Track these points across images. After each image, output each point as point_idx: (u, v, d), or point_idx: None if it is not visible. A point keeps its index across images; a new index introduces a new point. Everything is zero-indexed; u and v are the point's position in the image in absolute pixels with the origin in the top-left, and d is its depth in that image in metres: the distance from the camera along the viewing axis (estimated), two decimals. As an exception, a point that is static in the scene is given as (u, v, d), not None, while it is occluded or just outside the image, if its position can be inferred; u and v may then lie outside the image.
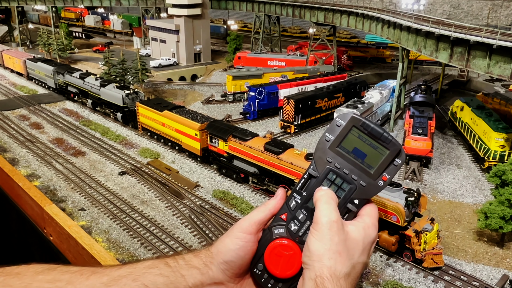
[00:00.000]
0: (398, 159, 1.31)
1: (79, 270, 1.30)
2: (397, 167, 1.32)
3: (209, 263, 1.38)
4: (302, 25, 79.32)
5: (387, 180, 1.33)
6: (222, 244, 1.39)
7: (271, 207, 1.41)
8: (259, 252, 1.41)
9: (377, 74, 56.17)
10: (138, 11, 74.20)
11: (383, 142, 1.31)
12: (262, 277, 1.41)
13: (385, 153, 1.31)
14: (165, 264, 1.36)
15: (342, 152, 1.34)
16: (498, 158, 29.23)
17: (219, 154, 29.65)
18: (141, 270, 1.32)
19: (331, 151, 1.34)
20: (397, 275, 20.35)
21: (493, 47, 25.57)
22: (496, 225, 21.03)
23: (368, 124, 1.32)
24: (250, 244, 1.38)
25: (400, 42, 35.83)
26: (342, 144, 1.34)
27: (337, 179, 1.35)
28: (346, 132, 1.33)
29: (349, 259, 1.25)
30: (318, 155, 1.36)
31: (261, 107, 39.99)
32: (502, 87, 49.58)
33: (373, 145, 1.32)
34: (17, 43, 71.22)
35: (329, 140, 1.35)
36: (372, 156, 1.32)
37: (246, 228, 1.38)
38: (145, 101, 37.65)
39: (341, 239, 1.25)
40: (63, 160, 31.97)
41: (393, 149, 1.31)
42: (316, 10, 51.52)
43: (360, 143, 1.33)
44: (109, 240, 22.81)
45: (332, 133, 1.35)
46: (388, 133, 1.32)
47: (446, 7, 65.58)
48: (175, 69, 57.72)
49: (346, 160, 1.33)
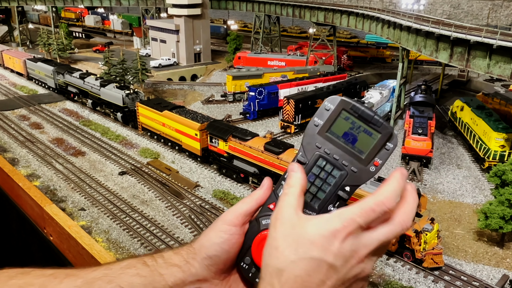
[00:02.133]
0: (390, 143, 1.25)
1: (53, 274, 1.24)
2: (389, 151, 1.26)
3: (191, 259, 1.30)
4: (302, 25, 79.31)
5: (379, 165, 1.27)
6: (205, 238, 1.31)
7: (258, 197, 1.32)
8: (245, 245, 1.33)
9: (377, 74, 56.18)
10: (138, 11, 74.21)
11: (374, 126, 1.25)
12: (249, 271, 1.33)
13: (376, 137, 1.25)
14: (142, 264, 1.29)
15: (332, 137, 1.28)
16: (498, 158, 29.24)
17: (219, 154, 29.65)
18: (117, 271, 1.26)
19: (320, 137, 1.28)
20: (397, 275, 20.36)
21: (493, 47, 25.57)
22: (496, 225, 21.03)
23: (358, 107, 1.25)
24: (236, 236, 1.29)
25: (400, 42, 35.83)
26: (332, 128, 1.28)
27: (327, 166, 1.28)
28: (335, 116, 1.27)
29: (286, 254, 1.09)
30: (306, 141, 1.29)
31: (261, 107, 39.99)
32: (502, 87, 49.58)
33: (363, 129, 1.26)
34: (17, 43, 71.22)
35: (318, 125, 1.28)
36: (363, 140, 1.26)
37: (231, 220, 1.29)
38: (145, 101, 37.65)
39: (284, 234, 1.12)
40: (63, 160, 31.98)
41: (384, 133, 1.25)
42: (316, 10, 51.53)
43: (350, 127, 1.27)
44: (109, 240, 22.82)
45: (321, 117, 1.28)
46: (379, 116, 1.26)
47: (446, 7, 65.59)
48: (175, 69, 57.72)
49: (336, 145, 1.27)
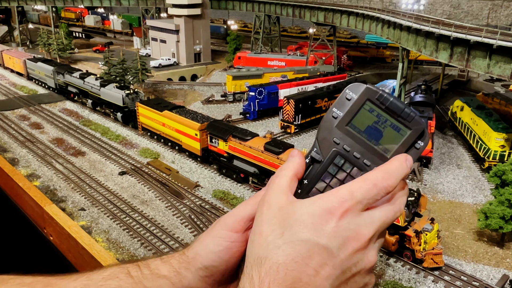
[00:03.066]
0: (421, 141, 1.07)
1: (32, 283, 1.14)
2: (419, 150, 1.09)
3: (183, 269, 1.13)
4: (302, 25, 79.28)
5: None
6: (201, 246, 1.13)
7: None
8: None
9: (377, 74, 56.17)
10: (138, 11, 74.20)
11: (404, 120, 1.07)
12: None
13: (405, 134, 1.07)
14: (126, 274, 1.14)
15: (353, 132, 1.09)
16: (498, 158, 29.23)
17: (219, 154, 29.65)
18: (98, 282, 1.12)
19: (339, 131, 1.09)
20: (397, 275, 20.36)
21: (493, 47, 25.56)
22: (496, 225, 21.03)
23: (386, 97, 1.07)
24: (237, 244, 1.10)
25: (400, 42, 35.82)
26: (353, 122, 1.09)
27: (345, 165, 1.09)
28: (358, 107, 1.09)
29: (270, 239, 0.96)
30: (322, 135, 1.11)
31: (261, 107, 39.99)
32: (502, 87, 49.58)
33: (391, 123, 1.08)
34: (17, 43, 71.21)
35: (337, 117, 1.09)
36: (389, 136, 1.08)
37: (231, 225, 1.11)
38: (145, 101, 37.66)
39: (268, 218, 1.00)
40: (63, 160, 31.98)
41: (415, 129, 1.07)
42: (316, 10, 51.52)
43: (375, 121, 1.09)
44: (109, 240, 22.81)
45: (341, 108, 1.09)
46: (410, 109, 1.08)
47: (446, 7, 65.59)
48: (175, 69, 57.71)
49: (357, 141, 1.09)
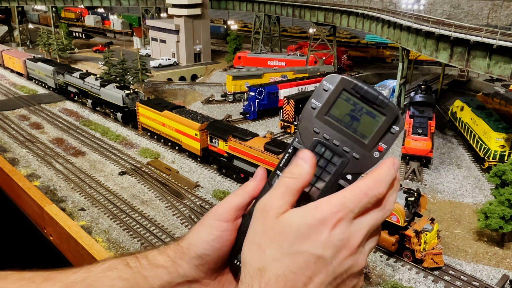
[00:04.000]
0: (395, 126, 1.15)
1: (31, 277, 1.18)
2: (395, 135, 1.15)
3: (178, 259, 1.21)
4: (302, 25, 79.29)
5: (384, 150, 1.16)
6: (194, 236, 1.21)
7: (250, 190, 1.21)
8: (239, 241, 1.21)
9: (377, 74, 56.17)
10: (138, 11, 74.20)
11: (379, 107, 1.14)
12: None
13: (381, 120, 1.14)
14: (125, 265, 1.21)
15: (331, 121, 1.16)
16: (498, 158, 29.22)
17: (219, 154, 29.65)
18: (98, 273, 1.18)
19: (318, 120, 1.17)
20: (397, 275, 20.36)
21: (493, 47, 25.57)
22: (496, 225, 21.03)
23: (361, 86, 1.14)
24: (228, 233, 1.18)
25: (400, 42, 35.83)
26: (331, 111, 1.16)
27: (326, 152, 1.16)
28: (335, 97, 1.16)
29: (268, 251, 1.01)
30: (303, 126, 1.18)
31: (261, 107, 40.00)
32: (502, 87, 49.58)
33: (367, 111, 1.15)
34: (17, 43, 71.22)
35: (316, 108, 1.16)
36: (366, 123, 1.15)
37: (222, 215, 1.19)
38: (145, 101, 37.66)
39: (265, 229, 1.03)
40: (63, 160, 31.98)
41: (390, 115, 1.14)
42: (316, 10, 51.52)
43: (352, 109, 1.16)
44: (109, 240, 22.82)
45: (319, 99, 1.17)
46: (384, 96, 1.15)
47: (446, 7, 65.59)
48: (175, 69, 57.72)
49: (336, 129, 1.16)
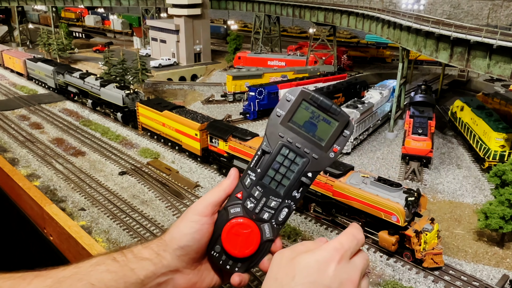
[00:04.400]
0: (347, 130, 1.34)
1: (21, 276, 1.25)
2: (347, 138, 1.35)
3: (162, 251, 1.34)
4: (302, 25, 79.27)
5: (338, 151, 1.36)
6: (176, 230, 1.35)
7: (225, 187, 1.39)
8: (215, 234, 1.40)
9: (377, 74, 56.16)
10: (138, 11, 74.21)
11: (332, 114, 1.34)
12: (220, 259, 1.40)
13: (334, 125, 1.34)
14: (112, 260, 1.31)
15: (294, 127, 1.35)
16: (498, 158, 29.22)
17: (219, 154, 29.65)
18: (87, 268, 1.28)
19: (282, 126, 1.36)
20: (397, 275, 20.35)
21: (493, 47, 25.56)
22: (496, 225, 21.03)
23: (317, 97, 1.33)
24: (206, 226, 1.35)
25: (400, 42, 35.82)
26: (293, 118, 1.35)
27: (290, 154, 1.36)
28: (296, 107, 1.35)
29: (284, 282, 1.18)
30: (270, 131, 1.37)
31: (261, 107, 40.00)
32: (502, 87, 49.56)
33: (323, 118, 1.34)
34: (17, 43, 71.21)
35: (280, 115, 1.36)
36: (322, 128, 1.35)
37: (201, 211, 1.36)
38: (145, 101, 37.65)
39: (280, 266, 1.22)
40: (63, 160, 31.97)
41: (342, 121, 1.34)
42: (316, 10, 51.51)
43: (310, 117, 1.35)
44: (109, 240, 22.81)
45: (283, 108, 1.36)
46: (336, 105, 1.34)
47: (446, 7, 65.58)
48: (175, 69, 57.71)
49: (297, 134, 1.35)
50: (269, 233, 1.40)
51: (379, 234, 21.18)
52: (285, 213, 1.40)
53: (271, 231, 1.40)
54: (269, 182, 1.38)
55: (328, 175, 22.83)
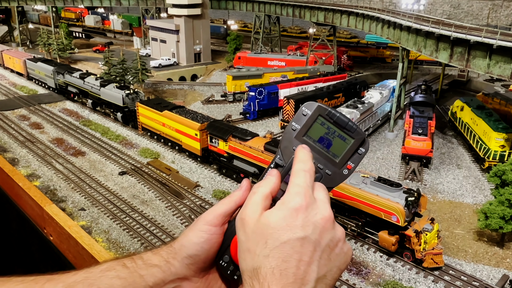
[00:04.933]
0: (362, 148, 1.33)
1: (34, 279, 1.27)
2: (361, 155, 1.34)
3: (171, 259, 1.35)
4: (302, 25, 79.28)
5: (352, 168, 1.34)
6: (186, 239, 1.36)
7: (236, 199, 1.38)
8: (224, 244, 1.38)
9: (377, 74, 56.17)
10: (138, 11, 74.19)
11: (348, 131, 1.33)
12: (228, 269, 1.39)
13: (350, 142, 1.33)
14: (122, 266, 1.32)
15: (308, 141, 1.35)
16: (498, 158, 29.23)
17: (219, 154, 29.65)
18: (97, 274, 1.29)
19: (297, 140, 1.35)
20: (397, 275, 20.36)
21: (493, 47, 25.56)
22: (496, 225, 21.03)
23: (333, 113, 1.33)
24: (215, 236, 1.35)
25: (400, 42, 35.82)
26: (308, 133, 1.35)
27: None
28: (312, 122, 1.34)
29: (258, 252, 1.14)
30: (284, 145, 1.36)
31: (261, 107, 40.00)
32: (502, 87, 49.57)
33: (338, 134, 1.34)
34: (17, 43, 71.21)
35: (296, 129, 1.35)
36: (337, 145, 1.34)
37: (211, 221, 1.35)
38: (145, 101, 37.65)
39: (248, 235, 1.18)
40: (63, 160, 31.97)
41: (357, 138, 1.33)
42: (316, 10, 51.52)
43: (326, 132, 1.34)
44: (109, 240, 22.81)
45: (299, 122, 1.35)
46: (353, 122, 1.34)
47: (446, 7, 65.59)
48: (175, 69, 57.71)
49: (312, 149, 1.33)
50: None
51: (379, 234, 21.18)
52: None
53: None
54: (281, 196, 1.33)
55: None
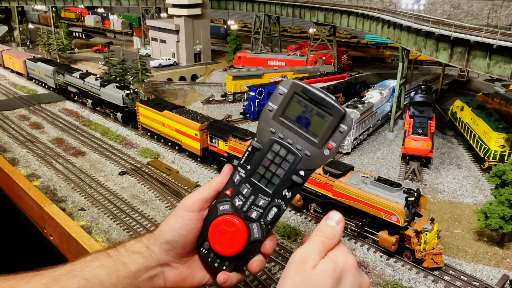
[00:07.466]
0: (343, 125, 1.23)
1: (21, 276, 1.29)
2: (343, 134, 1.24)
3: (151, 245, 1.36)
4: (302, 25, 79.26)
5: (333, 148, 1.25)
6: (165, 224, 1.36)
7: (215, 184, 1.36)
8: (204, 230, 1.35)
9: (377, 74, 56.15)
10: (138, 11, 74.19)
11: (326, 108, 1.23)
12: (208, 256, 1.37)
13: (328, 120, 1.23)
14: (106, 255, 1.34)
15: (286, 122, 1.27)
16: (498, 158, 29.22)
17: (219, 154, 29.65)
18: (82, 265, 1.31)
19: (274, 121, 1.28)
20: (397, 275, 20.35)
21: (493, 47, 25.56)
22: (496, 225, 21.03)
23: (308, 89, 1.23)
24: (193, 222, 1.34)
25: (400, 42, 35.82)
26: (285, 113, 1.26)
27: (281, 150, 1.28)
28: (288, 100, 1.26)
29: None
30: (261, 126, 1.30)
31: (261, 107, 39.97)
32: (502, 87, 49.56)
33: (316, 112, 1.24)
34: (17, 43, 71.21)
35: (272, 110, 1.28)
36: (316, 123, 1.25)
37: (189, 206, 1.34)
38: (145, 101, 37.65)
39: (305, 277, 1.14)
40: (63, 160, 31.97)
41: (336, 115, 1.22)
42: (316, 10, 51.52)
43: (303, 111, 1.25)
44: (109, 240, 22.81)
45: (275, 102, 1.27)
46: (331, 97, 1.23)
47: (446, 7, 65.58)
48: (175, 69, 57.71)
49: (290, 129, 1.26)
50: (257, 233, 1.34)
51: (379, 234, 21.18)
52: (273, 213, 1.33)
53: (259, 231, 1.34)
54: (259, 180, 1.31)
55: (328, 175, 22.85)
